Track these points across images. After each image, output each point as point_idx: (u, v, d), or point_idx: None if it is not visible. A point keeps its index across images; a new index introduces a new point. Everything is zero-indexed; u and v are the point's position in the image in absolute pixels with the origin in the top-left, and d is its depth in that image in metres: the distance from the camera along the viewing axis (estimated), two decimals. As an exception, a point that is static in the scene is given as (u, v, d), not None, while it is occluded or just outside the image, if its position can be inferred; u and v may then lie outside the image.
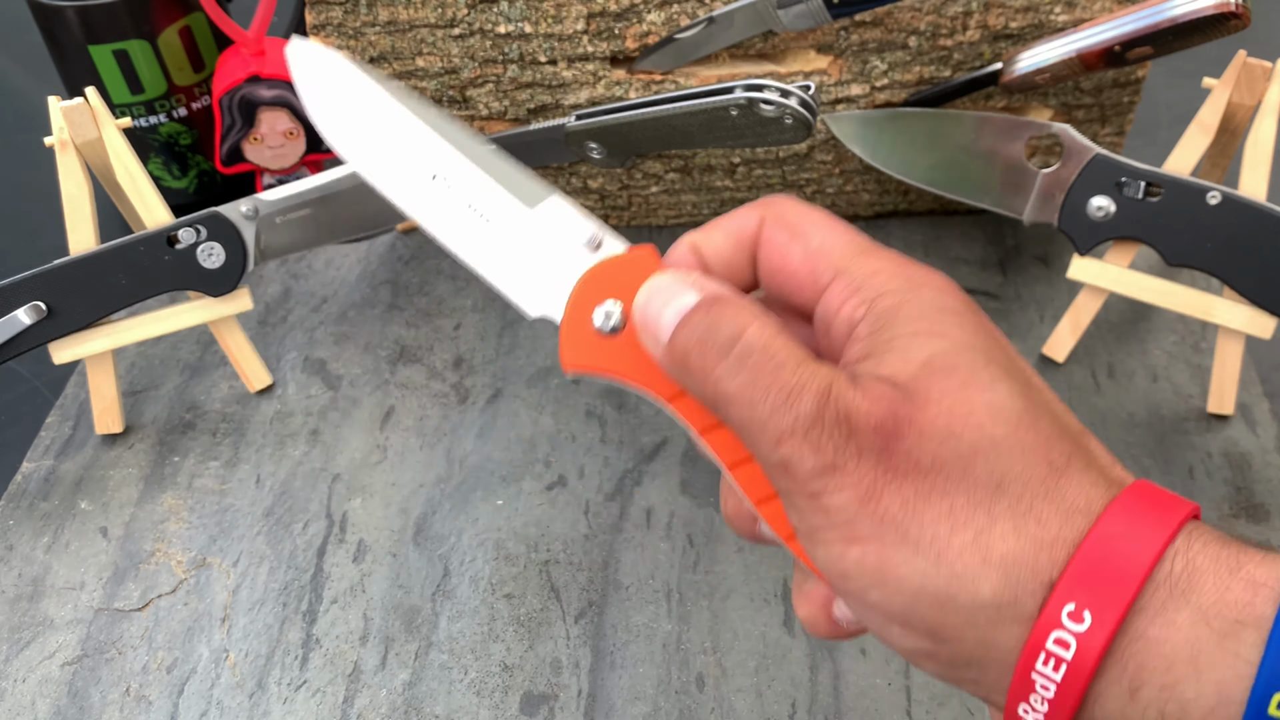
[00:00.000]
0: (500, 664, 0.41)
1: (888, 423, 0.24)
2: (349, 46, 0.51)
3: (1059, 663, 0.23)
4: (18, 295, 0.46)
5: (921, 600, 0.24)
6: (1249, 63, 0.46)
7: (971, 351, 0.25)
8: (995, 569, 0.24)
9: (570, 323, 0.28)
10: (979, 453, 0.24)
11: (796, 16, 0.48)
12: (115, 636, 0.42)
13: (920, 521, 0.24)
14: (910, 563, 0.24)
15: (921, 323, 0.26)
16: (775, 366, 0.25)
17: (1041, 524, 0.24)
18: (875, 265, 0.27)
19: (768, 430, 0.25)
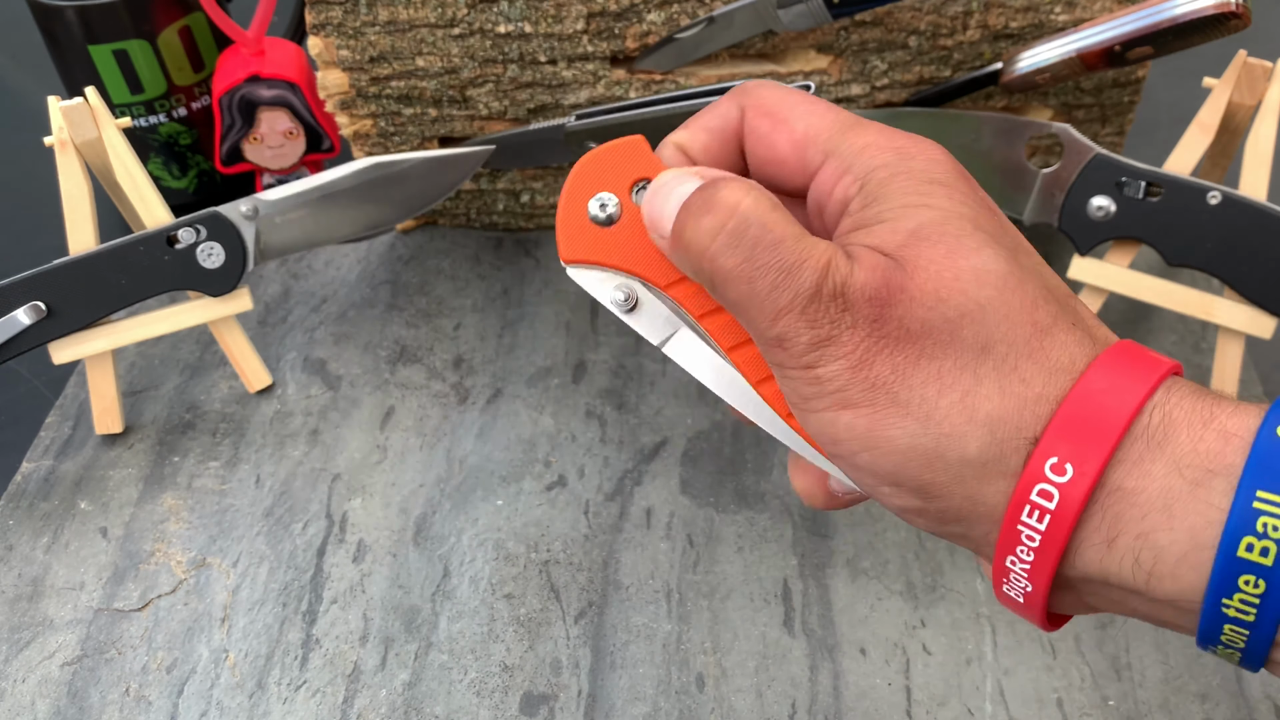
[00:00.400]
0: (500, 664, 0.41)
1: (881, 292, 0.25)
2: (349, 46, 0.51)
3: (1043, 513, 0.24)
4: (17, 295, 0.46)
5: (911, 460, 0.25)
6: (1249, 62, 0.46)
7: (959, 219, 0.26)
8: (981, 427, 0.24)
9: (566, 215, 0.28)
10: (965, 316, 0.25)
11: (796, 16, 0.48)
12: (115, 637, 0.42)
13: (909, 385, 0.25)
14: (899, 424, 0.25)
15: (911, 194, 0.26)
16: (772, 242, 0.26)
17: (1026, 383, 0.25)
18: (864, 141, 0.28)
19: (765, 307, 0.26)
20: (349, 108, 0.53)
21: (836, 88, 0.52)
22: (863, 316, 0.25)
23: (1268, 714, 0.39)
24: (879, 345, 0.25)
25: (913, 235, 0.26)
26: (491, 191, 0.58)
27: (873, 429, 0.25)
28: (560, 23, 0.49)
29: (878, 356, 0.25)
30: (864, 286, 0.25)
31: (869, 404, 0.25)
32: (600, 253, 0.28)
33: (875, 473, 0.26)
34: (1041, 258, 0.28)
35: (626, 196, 0.28)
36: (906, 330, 0.25)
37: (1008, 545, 0.25)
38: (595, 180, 0.28)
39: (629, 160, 0.28)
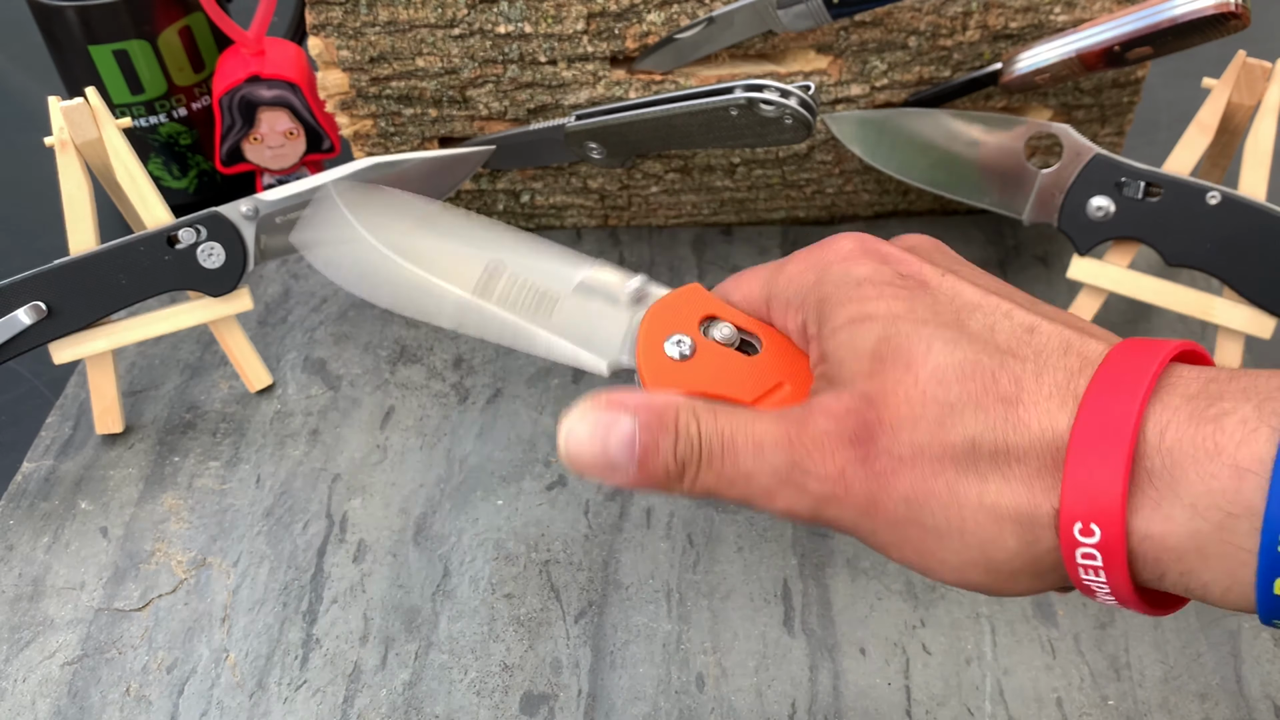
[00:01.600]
0: (500, 664, 0.41)
1: (859, 431, 0.26)
2: (349, 47, 0.51)
3: (1096, 570, 0.24)
4: (18, 295, 0.46)
5: (968, 569, 0.26)
6: (1249, 63, 0.46)
7: (898, 321, 0.27)
8: (1009, 523, 0.25)
9: (647, 359, 0.31)
10: (943, 423, 0.25)
11: (796, 17, 0.48)
12: (115, 636, 0.42)
13: (930, 509, 0.25)
14: (942, 544, 0.26)
15: (849, 306, 0.27)
16: (735, 435, 0.28)
17: (1021, 462, 0.25)
18: (787, 273, 0.30)
19: (759, 498, 0.28)
20: (349, 108, 0.53)
21: (836, 88, 0.52)
22: (849, 459, 0.26)
23: (1267, 713, 0.39)
24: (878, 484, 0.26)
25: (873, 358, 0.26)
26: (492, 192, 0.58)
27: (922, 555, 0.26)
28: (560, 23, 0.49)
29: (881, 495, 0.26)
30: (839, 431, 0.26)
31: (903, 541, 0.26)
32: (684, 383, 0.31)
33: (944, 579, 0.27)
34: (984, 290, 0.28)
35: (697, 334, 0.31)
36: (899, 459, 0.25)
37: (1085, 589, 0.25)
38: (668, 324, 0.31)
39: (693, 304, 0.32)
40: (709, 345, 0.31)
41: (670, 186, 0.57)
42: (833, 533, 0.45)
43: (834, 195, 0.58)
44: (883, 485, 0.26)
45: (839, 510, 0.26)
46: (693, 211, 0.59)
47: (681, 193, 0.58)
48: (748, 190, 0.58)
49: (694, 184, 0.57)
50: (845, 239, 0.29)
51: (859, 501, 0.26)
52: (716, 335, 0.31)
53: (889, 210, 0.60)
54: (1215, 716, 0.39)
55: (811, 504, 0.27)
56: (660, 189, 0.57)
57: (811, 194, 0.58)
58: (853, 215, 0.60)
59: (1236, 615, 0.42)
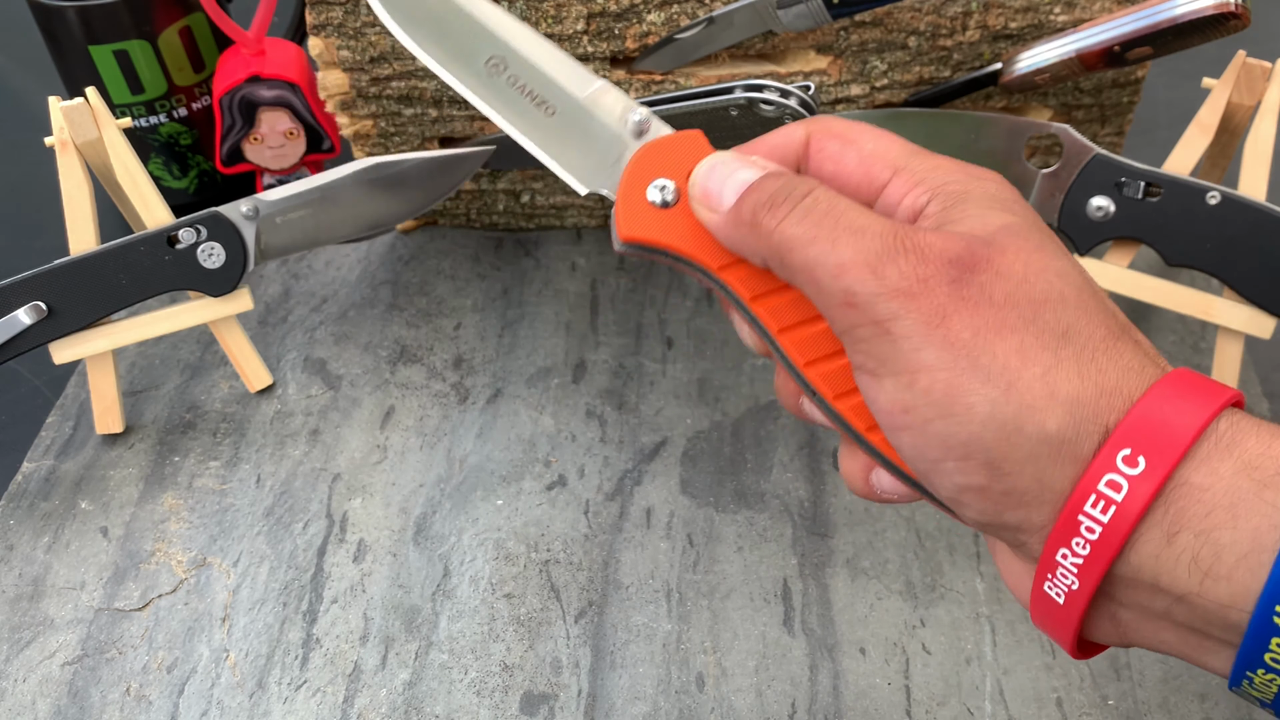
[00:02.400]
0: (500, 664, 0.41)
1: (965, 256, 0.25)
2: (349, 47, 0.51)
3: (1108, 504, 0.24)
4: (18, 295, 0.46)
5: (989, 429, 0.25)
6: (1248, 63, 0.46)
7: (1040, 230, 0.27)
8: (1062, 404, 0.24)
9: (625, 197, 0.30)
10: (1049, 301, 0.25)
11: (796, 17, 0.48)
12: (115, 636, 0.42)
13: (992, 350, 0.25)
14: (980, 390, 0.25)
15: (990, 205, 0.27)
16: (842, 211, 0.27)
17: (1102, 372, 0.25)
18: (935, 162, 0.29)
19: (829, 262, 0.26)
20: (349, 108, 0.53)
21: (836, 88, 0.52)
22: (940, 275, 0.25)
23: (1267, 713, 0.39)
24: (958, 304, 0.25)
25: (1001, 230, 0.26)
26: (492, 192, 0.58)
27: (951, 393, 0.25)
28: (560, 23, 0.49)
29: (956, 315, 0.25)
30: (945, 249, 0.26)
31: (947, 367, 0.25)
32: (657, 232, 0.29)
33: (947, 443, 0.25)
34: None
35: (684, 184, 0.30)
36: (989, 297, 0.25)
37: (1063, 536, 0.25)
38: (655, 167, 0.30)
39: (688, 151, 0.30)
40: None
41: (670, 186, 0.57)
42: (833, 533, 0.45)
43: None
44: (961, 307, 0.25)
45: (903, 307, 0.25)
46: (693, 211, 0.59)
47: (681, 193, 0.58)
48: (748, 190, 0.58)
49: (694, 184, 0.57)
50: (999, 175, 0.29)
51: (929, 308, 0.25)
52: None
53: (889, 210, 0.59)
54: (1215, 716, 0.39)
55: (878, 290, 0.25)
56: (660, 189, 0.57)
57: (811, 194, 0.58)
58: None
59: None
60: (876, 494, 0.30)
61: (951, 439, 0.25)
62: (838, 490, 0.47)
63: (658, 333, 0.54)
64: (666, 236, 0.29)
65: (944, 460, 0.26)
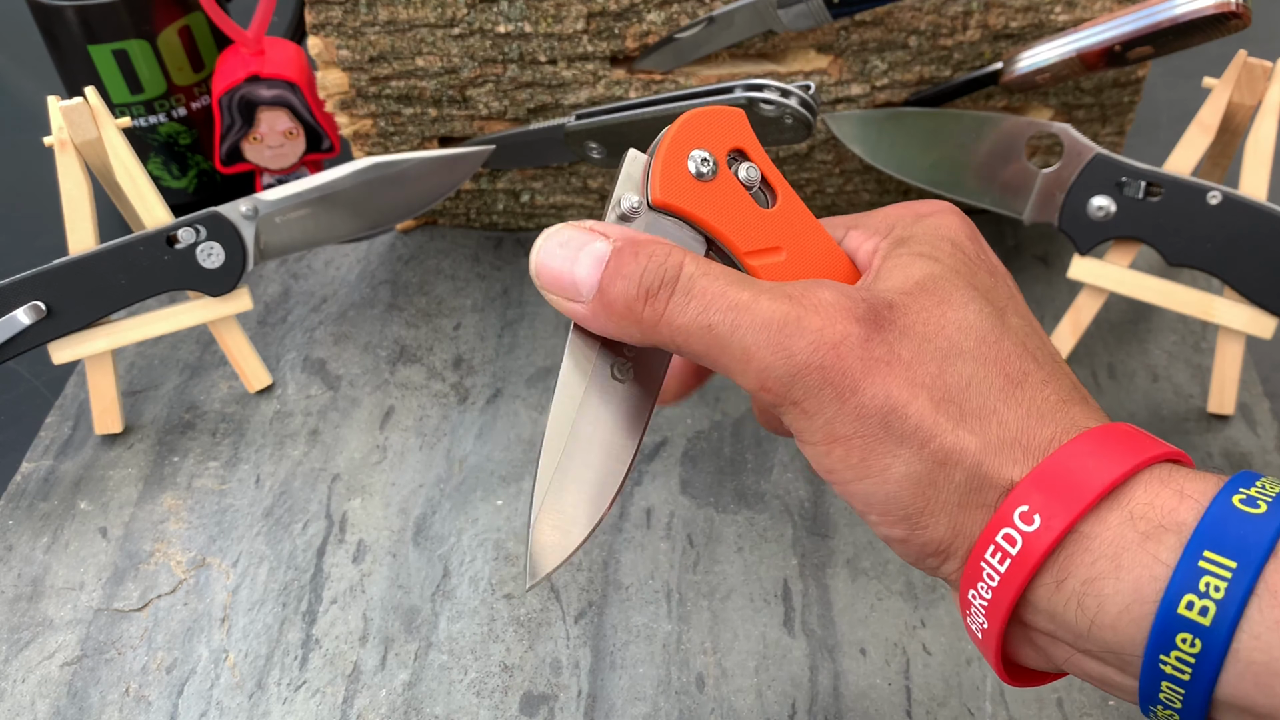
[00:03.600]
0: (500, 664, 0.41)
1: (869, 316, 0.26)
2: (349, 46, 0.51)
3: (1004, 556, 0.25)
4: (17, 295, 0.46)
5: (904, 488, 0.26)
6: (1249, 62, 0.46)
7: (956, 276, 0.28)
8: (969, 457, 0.25)
9: (668, 161, 0.29)
10: (949, 357, 0.26)
11: (797, 16, 0.48)
12: (115, 637, 0.42)
13: (904, 413, 0.25)
14: (894, 453, 0.25)
15: (923, 246, 0.28)
16: (726, 285, 0.26)
17: (1004, 425, 0.26)
18: (884, 211, 0.31)
19: (733, 349, 0.26)
20: (349, 107, 0.53)
21: (836, 88, 0.52)
22: (850, 335, 0.26)
23: None
24: (868, 368, 0.25)
25: (917, 285, 0.27)
26: (491, 191, 0.58)
27: (867, 458, 0.26)
28: (560, 23, 0.49)
29: (866, 380, 0.25)
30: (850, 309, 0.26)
31: (862, 434, 0.25)
32: (692, 203, 0.29)
33: (868, 500, 0.26)
34: (1033, 322, 0.29)
35: (723, 160, 0.29)
36: (898, 356, 0.26)
37: (970, 579, 0.26)
38: (699, 137, 0.29)
39: (730, 129, 0.30)
40: (728, 177, 0.29)
41: (670, 186, 0.57)
42: (833, 533, 0.45)
43: (834, 195, 0.58)
44: (872, 370, 0.25)
45: (816, 381, 0.25)
46: (693, 211, 0.59)
47: (681, 192, 0.58)
48: (748, 190, 0.58)
49: (694, 184, 0.57)
50: (952, 210, 0.30)
51: (841, 380, 0.25)
52: (740, 172, 0.29)
53: (889, 210, 0.59)
54: (1216, 717, 0.39)
55: (789, 370, 0.25)
56: (660, 189, 0.57)
57: (811, 194, 0.58)
58: (853, 215, 0.59)
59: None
60: None
61: (871, 497, 0.26)
62: (838, 490, 0.46)
63: (658, 333, 0.54)
64: (700, 208, 0.29)
65: (868, 514, 0.27)
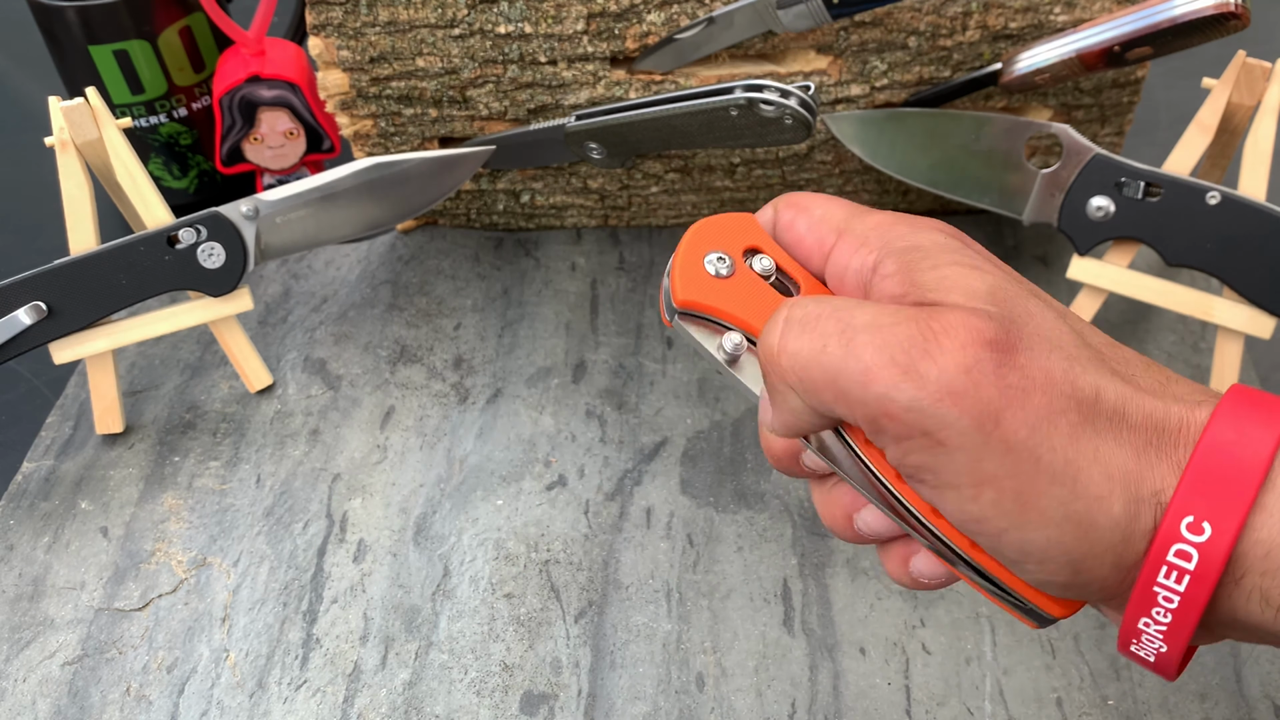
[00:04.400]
0: (500, 663, 0.41)
1: (1000, 338, 0.23)
2: (349, 47, 0.51)
3: (1181, 574, 0.23)
4: (18, 295, 0.46)
5: (1065, 531, 0.23)
6: (1248, 63, 0.46)
7: (1013, 281, 0.25)
8: (1119, 485, 0.23)
9: (684, 265, 0.30)
10: (1073, 365, 0.24)
11: (796, 17, 0.48)
12: (116, 636, 0.42)
13: (1051, 444, 0.23)
14: (1049, 492, 0.23)
15: (954, 255, 0.25)
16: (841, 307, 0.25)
17: (1135, 431, 0.24)
18: (874, 220, 0.29)
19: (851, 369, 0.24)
20: (349, 108, 0.53)
21: (836, 88, 0.52)
22: (985, 362, 0.23)
23: (1266, 713, 0.39)
24: (1007, 398, 0.23)
25: (991, 297, 0.24)
26: (492, 191, 0.58)
27: (1021, 500, 0.23)
28: (560, 23, 0.49)
29: (1008, 411, 0.23)
30: (979, 330, 0.23)
31: (1011, 473, 0.23)
32: (715, 298, 0.30)
33: (1025, 549, 0.24)
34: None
35: (740, 258, 0.30)
36: (1032, 381, 0.23)
37: (1141, 608, 0.24)
38: (710, 241, 0.30)
39: (740, 231, 0.31)
40: (748, 273, 0.30)
41: (670, 187, 0.57)
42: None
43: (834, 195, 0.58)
44: (1012, 400, 0.23)
45: (953, 411, 0.23)
46: (693, 212, 0.59)
47: (681, 193, 0.58)
48: (748, 190, 0.58)
49: (694, 184, 0.57)
50: (937, 221, 0.28)
51: (979, 408, 0.23)
52: (756, 266, 0.30)
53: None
54: (1215, 716, 0.39)
55: (918, 394, 0.23)
56: (660, 189, 0.57)
57: (811, 194, 0.58)
58: (853, 215, 0.60)
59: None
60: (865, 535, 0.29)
61: (1028, 545, 0.24)
62: (838, 490, 0.46)
63: (658, 333, 0.54)
64: (725, 304, 0.30)
65: (1023, 563, 0.24)
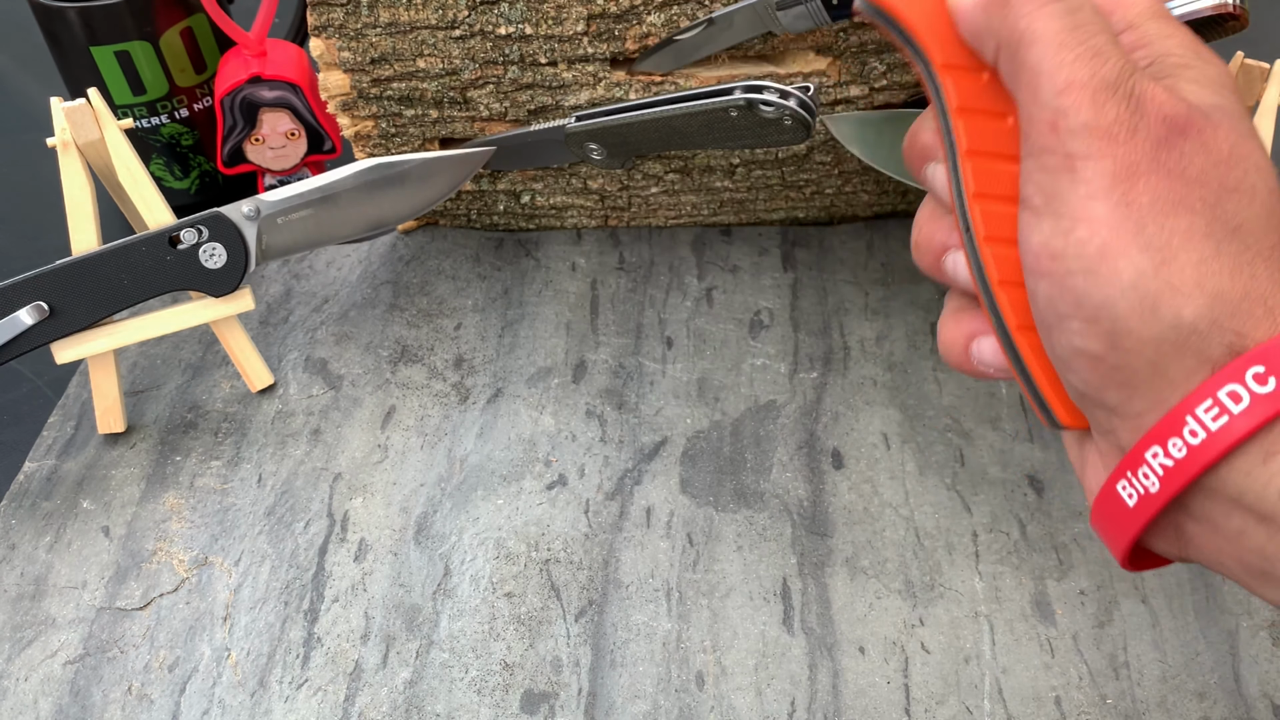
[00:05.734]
0: (501, 662, 0.41)
1: (1180, 120, 0.25)
2: (350, 48, 0.51)
3: (1222, 412, 0.23)
4: (20, 295, 0.46)
5: (1126, 298, 0.24)
6: (1247, 64, 0.46)
7: (1249, 121, 0.26)
8: (1204, 297, 0.24)
9: None
10: (1237, 191, 0.25)
11: (796, 18, 0.48)
12: (117, 635, 0.43)
13: (1160, 223, 0.24)
14: (1133, 257, 0.24)
15: (1209, 83, 0.26)
16: (1097, 29, 0.26)
17: (1255, 279, 0.24)
18: (1169, 29, 0.28)
19: (1059, 74, 0.25)
20: (350, 109, 0.54)
21: (835, 89, 0.52)
22: (1152, 130, 0.25)
23: (1266, 712, 0.39)
24: (1152, 166, 0.25)
25: (1217, 108, 0.26)
26: (492, 192, 0.58)
27: (1104, 252, 0.25)
28: (560, 25, 0.50)
29: (1145, 176, 0.24)
30: (1165, 105, 0.25)
31: (1112, 225, 0.24)
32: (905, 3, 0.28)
33: (1081, 300, 0.25)
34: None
35: None
36: (1184, 170, 0.25)
37: (1162, 433, 0.24)
38: None
39: None
40: None
41: (670, 187, 0.57)
42: (832, 532, 0.45)
43: (833, 196, 0.58)
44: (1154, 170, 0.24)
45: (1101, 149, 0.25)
46: (693, 212, 0.59)
47: (681, 193, 0.58)
48: (747, 191, 0.58)
49: (694, 185, 0.57)
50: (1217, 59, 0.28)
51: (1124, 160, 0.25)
52: None
53: (888, 210, 0.60)
54: (1214, 715, 0.39)
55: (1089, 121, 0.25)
56: (660, 190, 0.58)
57: (810, 195, 0.58)
58: (852, 216, 0.60)
59: (1234, 614, 0.42)
60: (973, 364, 0.30)
61: (1087, 298, 0.25)
62: (837, 490, 0.47)
63: (658, 333, 0.54)
64: (909, 8, 0.28)
65: (1072, 318, 0.25)
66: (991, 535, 0.45)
